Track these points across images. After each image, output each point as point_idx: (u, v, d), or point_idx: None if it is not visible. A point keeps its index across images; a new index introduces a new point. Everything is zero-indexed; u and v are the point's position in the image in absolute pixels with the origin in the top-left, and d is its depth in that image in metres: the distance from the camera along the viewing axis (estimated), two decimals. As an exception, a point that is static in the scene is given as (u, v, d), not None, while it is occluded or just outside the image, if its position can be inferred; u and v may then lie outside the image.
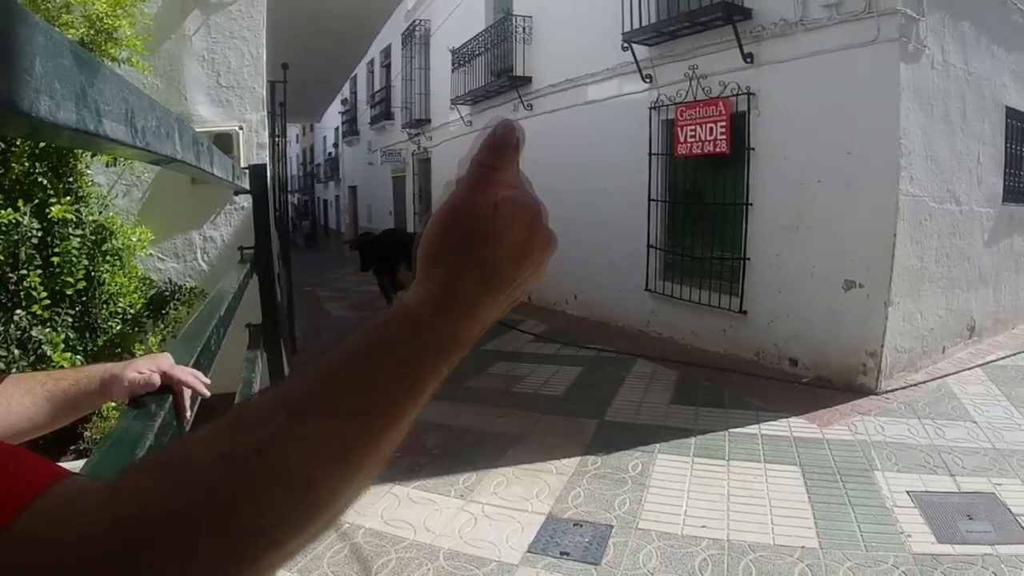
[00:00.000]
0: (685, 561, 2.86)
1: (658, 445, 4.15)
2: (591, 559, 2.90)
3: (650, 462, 3.90)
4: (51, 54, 0.50)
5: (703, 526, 3.15)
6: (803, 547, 2.92)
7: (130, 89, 0.77)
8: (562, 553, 2.96)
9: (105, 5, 2.52)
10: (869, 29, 4.87)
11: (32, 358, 2.25)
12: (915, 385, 5.09)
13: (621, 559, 2.90)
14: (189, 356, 1.16)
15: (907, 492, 3.38)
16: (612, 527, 3.17)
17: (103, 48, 2.51)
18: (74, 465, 2.42)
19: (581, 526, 3.19)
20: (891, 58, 4.80)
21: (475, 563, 2.90)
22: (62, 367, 2.24)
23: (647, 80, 7.07)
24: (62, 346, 2.28)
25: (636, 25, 6.77)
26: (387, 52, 17.45)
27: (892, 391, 4.94)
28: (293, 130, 30.89)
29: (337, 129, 23.60)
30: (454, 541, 3.09)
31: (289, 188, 19.12)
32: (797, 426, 4.38)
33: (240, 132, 3.72)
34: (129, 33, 2.65)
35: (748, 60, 5.81)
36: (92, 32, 2.51)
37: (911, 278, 5.11)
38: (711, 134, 6.21)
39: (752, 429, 4.36)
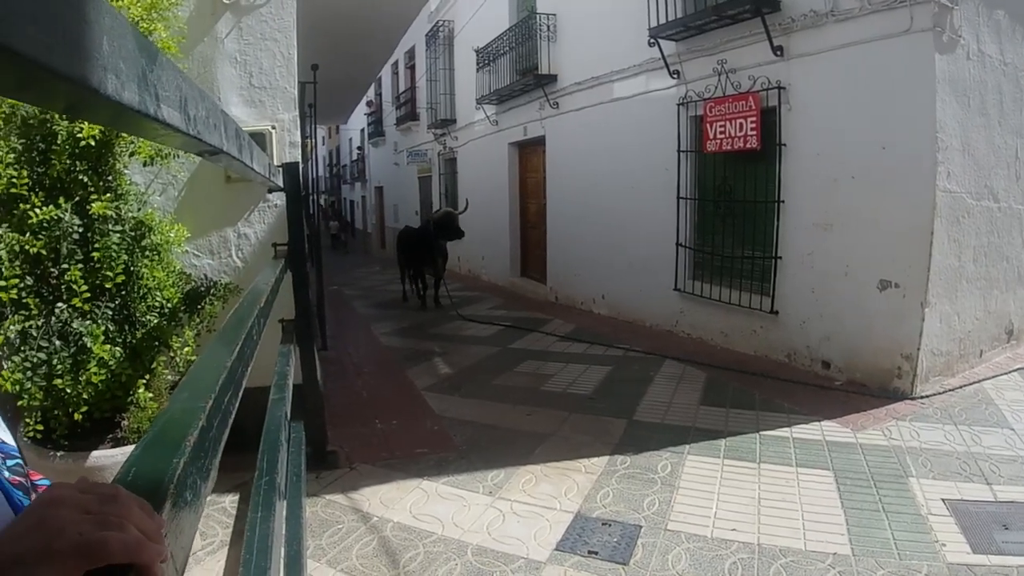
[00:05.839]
0: (715, 564, 2.83)
1: (687, 446, 4.11)
2: (619, 559, 2.88)
3: (679, 463, 3.87)
4: (117, 35, 0.51)
5: (733, 529, 3.10)
6: (835, 553, 2.86)
7: (183, 77, 0.77)
8: (590, 552, 2.95)
9: (140, 9, 2.57)
10: (902, 19, 4.77)
11: (73, 349, 2.30)
12: (951, 390, 4.97)
13: (650, 560, 2.87)
14: (231, 347, 1.16)
15: (942, 500, 3.30)
16: (641, 527, 3.14)
17: (139, 52, 2.56)
18: (111, 453, 2.47)
19: (610, 525, 3.17)
20: (925, 49, 4.69)
21: (503, 560, 2.90)
22: (102, 358, 2.29)
23: (675, 76, 7.02)
24: (102, 338, 2.33)
25: (662, 20, 6.73)
26: (411, 53, 17.54)
27: (928, 396, 4.83)
28: (320, 132, 31.17)
29: (363, 130, 23.76)
30: (482, 537, 3.09)
31: (317, 189, 19.29)
32: (830, 430, 4.30)
33: (273, 131, 3.77)
34: (164, 36, 2.70)
35: (778, 53, 5.73)
36: (129, 36, 2.55)
37: (948, 278, 4.99)
38: (741, 130, 6.13)
39: (783, 432, 4.30)
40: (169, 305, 2.64)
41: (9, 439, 0.77)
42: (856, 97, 5.15)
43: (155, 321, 2.54)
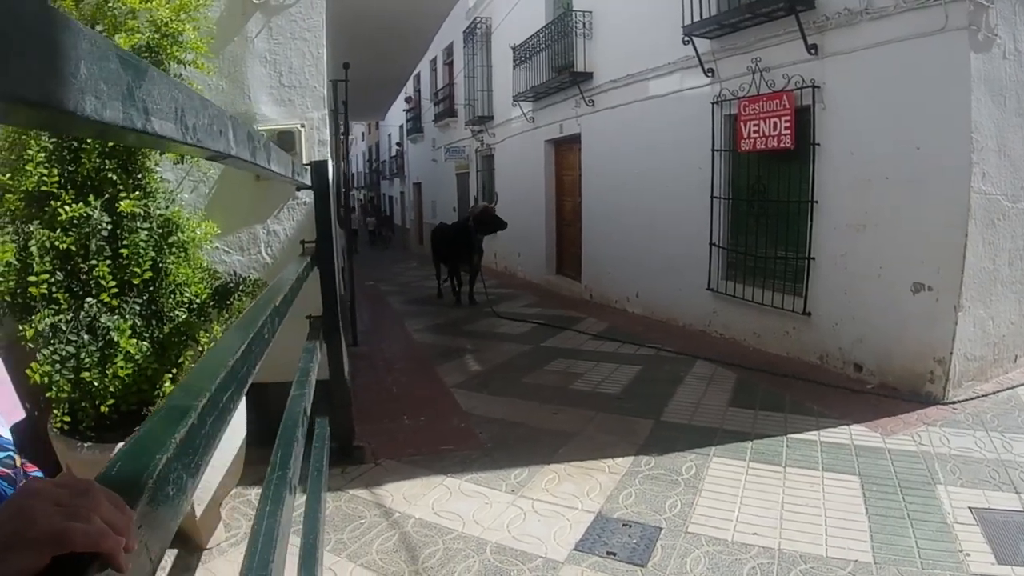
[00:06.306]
0: (733, 568, 2.80)
1: (713, 448, 4.07)
2: (638, 560, 2.88)
3: (704, 465, 3.84)
4: (96, 58, 0.54)
5: (754, 533, 3.07)
6: (856, 560, 2.81)
7: (180, 89, 0.81)
8: (609, 553, 2.95)
9: (168, 11, 2.63)
10: (937, 17, 4.64)
11: (100, 343, 2.39)
12: (984, 395, 4.81)
13: (668, 562, 2.86)
14: (241, 342, 1.20)
15: (969, 508, 3.21)
16: (661, 529, 3.13)
17: (169, 51, 2.63)
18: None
19: (630, 526, 3.17)
20: (960, 47, 4.55)
21: (521, 558, 2.92)
22: (129, 352, 2.38)
23: (709, 74, 6.94)
24: (128, 332, 2.41)
25: (697, 18, 6.67)
26: (449, 50, 17.67)
27: (960, 401, 4.70)
28: (359, 128, 31.50)
29: (402, 127, 23.98)
30: (502, 535, 3.11)
31: (355, 185, 19.53)
32: (859, 434, 4.22)
33: (302, 130, 3.84)
34: (193, 36, 2.76)
35: (812, 52, 5.62)
36: (158, 36, 2.62)
37: (983, 281, 4.84)
38: (775, 129, 6.04)
39: (812, 435, 4.23)
40: (198, 301, 2.72)
41: (5, 433, 0.82)
42: (890, 96, 5.04)
43: (183, 316, 2.62)
